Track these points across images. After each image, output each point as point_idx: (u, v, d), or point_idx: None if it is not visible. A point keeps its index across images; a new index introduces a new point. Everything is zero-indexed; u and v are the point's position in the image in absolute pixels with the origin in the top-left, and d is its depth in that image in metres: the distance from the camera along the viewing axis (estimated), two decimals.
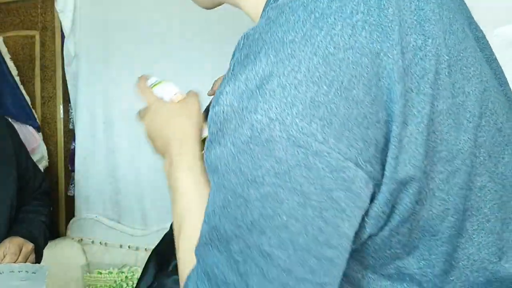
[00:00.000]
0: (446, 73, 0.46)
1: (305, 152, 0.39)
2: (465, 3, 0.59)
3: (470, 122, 0.47)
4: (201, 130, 0.69)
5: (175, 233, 0.62)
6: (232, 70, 0.43)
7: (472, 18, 0.59)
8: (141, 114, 0.77)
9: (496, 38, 1.34)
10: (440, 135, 0.44)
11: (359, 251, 0.47)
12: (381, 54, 0.41)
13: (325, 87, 0.40)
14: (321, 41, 0.41)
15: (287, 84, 0.40)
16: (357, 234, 0.44)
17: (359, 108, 0.40)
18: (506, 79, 0.60)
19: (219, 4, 0.62)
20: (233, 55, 0.44)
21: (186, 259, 0.55)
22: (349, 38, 0.41)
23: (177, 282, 1.05)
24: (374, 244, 0.46)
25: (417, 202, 0.44)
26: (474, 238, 0.48)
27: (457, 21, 0.52)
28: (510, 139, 0.52)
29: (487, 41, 0.59)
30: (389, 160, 0.42)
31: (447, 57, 0.46)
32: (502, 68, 0.60)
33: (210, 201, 0.45)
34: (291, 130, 0.39)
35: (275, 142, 0.39)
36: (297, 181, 0.40)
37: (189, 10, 1.88)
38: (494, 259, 0.49)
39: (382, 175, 0.42)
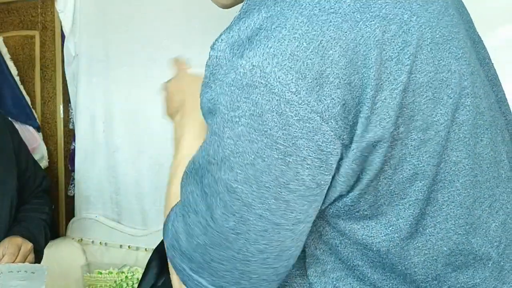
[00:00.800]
0: (429, 49, 0.49)
1: (278, 99, 0.43)
2: (465, 8, 0.62)
3: (450, 98, 0.50)
4: None
5: (168, 181, 0.68)
6: (231, 23, 0.48)
7: (472, 22, 0.61)
8: (167, 82, 0.84)
9: (494, 39, 1.33)
10: (418, 105, 0.48)
11: (331, 213, 0.51)
12: (361, 23, 0.45)
13: (305, 43, 0.43)
14: (309, 3, 0.45)
15: (272, 37, 0.44)
16: (328, 192, 0.48)
17: (332, 67, 0.44)
18: (499, 81, 0.62)
19: (240, 2, 0.68)
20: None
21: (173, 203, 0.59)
22: (335, 3, 0.45)
23: None
24: (344, 205, 0.50)
25: (386, 163, 0.48)
26: (443, 208, 0.52)
27: (454, 10, 0.55)
28: (490, 125, 0.55)
29: (483, 45, 0.62)
30: (361, 120, 0.45)
31: (430, 35, 0.49)
32: (502, 68, 0.60)
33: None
34: (269, 78, 0.43)
35: (254, 86, 0.44)
36: (267, 125, 0.44)
37: (189, 10, 1.88)
38: (460, 231, 0.53)
39: (352, 135, 0.45)
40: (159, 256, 1.20)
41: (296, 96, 0.43)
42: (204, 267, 0.50)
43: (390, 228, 0.51)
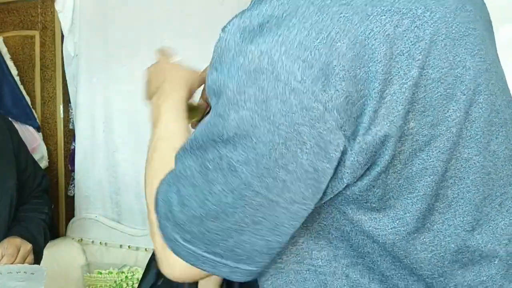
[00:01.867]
0: (443, 45, 0.49)
1: (283, 87, 0.44)
2: (485, 6, 0.62)
3: (463, 95, 0.50)
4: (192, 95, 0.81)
5: (148, 158, 0.69)
6: (245, 9, 0.49)
7: (490, 20, 0.63)
8: (149, 68, 0.86)
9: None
10: (430, 101, 0.48)
11: (340, 200, 0.52)
12: (371, 16, 0.45)
13: (314, 33, 0.44)
14: None
15: (282, 25, 0.45)
16: (334, 183, 0.49)
17: (339, 59, 0.44)
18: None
19: None
20: None
21: (154, 182, 0.60)
22: None
23: None
24: (353, 195, 0.51)
25: (395, 158, 0.48)
26: (452, 204, 0.52)
27: (472, 6, 0.55)
28: (506, 122, 0.55)
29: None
30: (367, 113, 0.45)
31: (445, 30, 0.49)
32: (502, 67, 0.60)
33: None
34: (276, 65, 0.44)
35: (261, 72, 0.44)
36: (271, 111, 0.45)
37: (189, 10, 1.88)
38: (468, 227, 0.53)
39: (357, 127, 0.46)
40: None
41: (301, 85, 0.44)
42: (198, 237, 0.51)
43: (397, 222, 0.51)
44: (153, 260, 1.18)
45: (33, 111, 2.23)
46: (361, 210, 0.52)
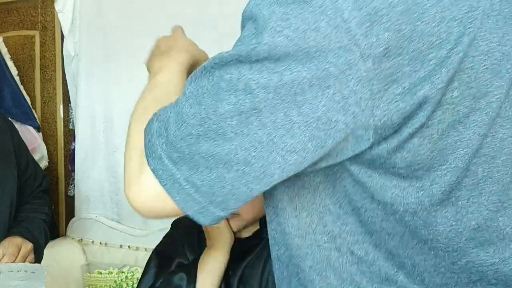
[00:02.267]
0: (495, 20, 0.49)
1: (328, 21, 0.44)
2: None
3: (508, 73, 0.50)
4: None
5: (138, 102, 0.68)
6: None
7: None
8: (160, 38, 0.87)
9: None
10: (476, 73, 0.48)
11: (366, 160, 0.51)
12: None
13: None
14: None
15: None
16: (357, 141, 0.48)
17: (389, 9, 0.44)
18: None
19: None
20: None
21: (143, 118, 0.58)
22: None
23: (182, 279, 1.06)
24: (380, 157, 0.50)
25: (433, 127, 0.48)
26: (480, 183, 0.52)
27: None
28: None
29: None
30: (406, 71, 0.45)
31: (498, 7, 0.49)
32: None
33: None
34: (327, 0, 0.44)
35: (310, 4, 0.45)
36: (308, 43, 0.44)
37: (189, 10, 1.88)
38: (492, 207, 0.52)
39: (388, 83, 0.45)
40: (158, 257, 1.20)
41: (346, 24, 0.44)
42: (185, 158, 0.50)
43: (421, 192, 0.51)
44: (151, 261, 1.19)
45: (33, 111, 2.22)
46: (387, 175, 0.51)
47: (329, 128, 0.46)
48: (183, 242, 1.19)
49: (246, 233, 1.13)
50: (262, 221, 1.13)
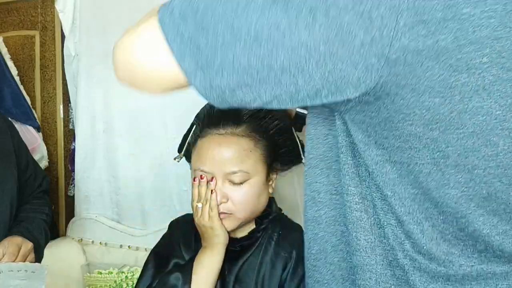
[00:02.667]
0: None
1: None
2: None
3: None
4: None
5: None
6: None
7: None
8: None
9: None
10: (509, 44, 0.47)
11: (385, 121, 0.51)
12: None
13: None
14: None
15: None
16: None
17: None
18: None
19: None
20: None
21: None
22: None
23: (178, 279, 1.06)
24: (398, 113, 0.50)
25: (455, 88, 0.48)
26: (500, 155, 0.51)
27: None
28: None
29: None
30: (444, 22, 0.45)
31: None
32: None
33: None
34: None
35: None
36: None
37: None
38: (505, 180, 0.52)
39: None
40: (156, 258, 1.20)
41: None
42: (197, 18, 0.49)
43: (437, 154, 0.51)
44: (149, 262, 1.19)
45: (33, 111, 2.23)
46: (404, 136, 0.52)
47: (345, 39, 0.47)
48: (180, 242, 1.19)
49: (242, 233, 1.14)
50: (258, 221, 1.13)
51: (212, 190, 1.04)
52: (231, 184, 1.04)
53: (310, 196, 0.67)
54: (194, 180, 1.08)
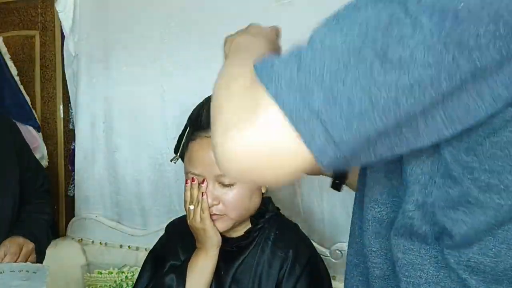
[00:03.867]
0: None
1: None
2: None
3: None
4: None
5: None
6: None
7: None
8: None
9: None
10: None
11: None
12: None
13: None
14: None
15: None
16: None
17: None
18: None
19: None
20: None
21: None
22: None
23: (172, 280, 1.07)
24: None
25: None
26: None
27: None
28: None
29: None
30: None
31: None
32: None
33: None
34: None
35: None
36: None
37: (188, 10, 1.88)
38: None
39: None
40: (153, 259, 1.21)
41: None
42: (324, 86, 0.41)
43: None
44: (147, 263, 1.19)
45: (33, 111, 2.23)
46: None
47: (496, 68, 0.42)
48: (177, 244, 1.20)
49: (237, 232, 1.14)
50: (254, 220, 1.14)
51: (202, 193, 1.05)
52: (222, 186, 1.05)
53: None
54: (186, 182, 1.09)
